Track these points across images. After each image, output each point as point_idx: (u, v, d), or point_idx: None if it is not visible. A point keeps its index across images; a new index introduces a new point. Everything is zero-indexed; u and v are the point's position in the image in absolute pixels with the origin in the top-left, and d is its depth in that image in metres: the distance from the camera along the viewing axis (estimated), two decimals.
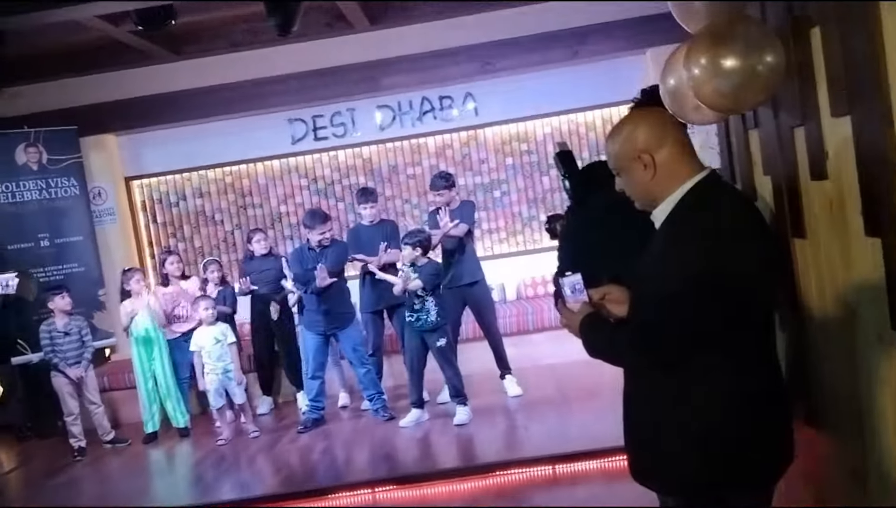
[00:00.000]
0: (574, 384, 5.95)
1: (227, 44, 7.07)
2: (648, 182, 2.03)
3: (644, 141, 2.02)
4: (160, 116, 7.37)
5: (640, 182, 2.05)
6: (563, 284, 2.16)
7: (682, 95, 2.54)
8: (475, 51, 7.13)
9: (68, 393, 6.07)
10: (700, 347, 1.92)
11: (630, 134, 2.05)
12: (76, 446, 6.09)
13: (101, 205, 7.49)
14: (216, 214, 7.81)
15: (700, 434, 1.96)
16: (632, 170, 2.05)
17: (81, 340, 6.15)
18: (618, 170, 2.10)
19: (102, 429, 6.24)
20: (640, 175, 2.03)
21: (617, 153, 2.08)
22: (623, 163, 2.07)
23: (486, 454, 4.97)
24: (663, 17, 6.57)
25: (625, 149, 2.05)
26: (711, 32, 2.38)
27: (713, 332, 1.89)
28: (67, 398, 6.08)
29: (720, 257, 1.85)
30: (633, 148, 2.03)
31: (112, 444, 6.23)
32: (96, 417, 6.21)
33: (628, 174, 2.07)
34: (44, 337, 5.98)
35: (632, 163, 2.04)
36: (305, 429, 5.87)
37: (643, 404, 2.10)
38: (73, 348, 6.08)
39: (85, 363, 6.14)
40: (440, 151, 7.66)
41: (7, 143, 6.96)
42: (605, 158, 2.18)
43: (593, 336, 2.10)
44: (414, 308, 5.50)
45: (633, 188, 2.09)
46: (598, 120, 7.55)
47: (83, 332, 6.18)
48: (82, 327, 6.20)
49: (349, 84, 7.26)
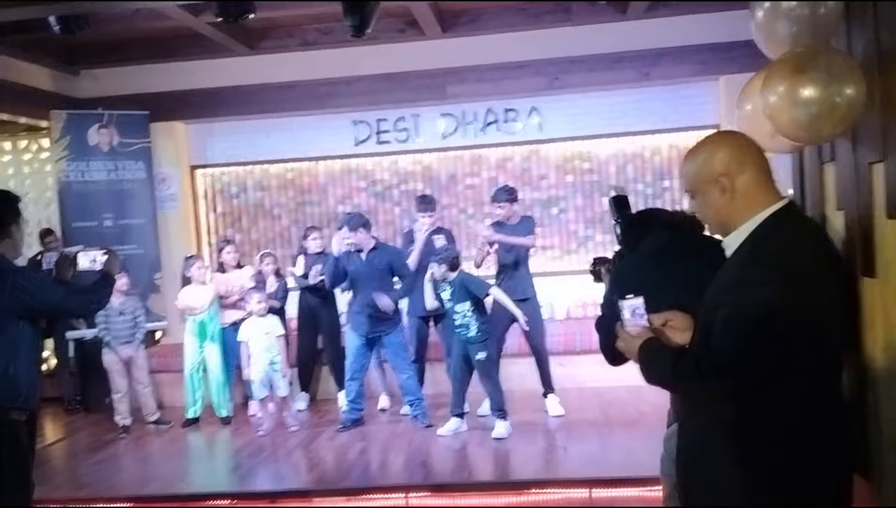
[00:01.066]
0: (617, 410, 5.86)
1: (299, 42, 7.19)
2: (725, 207, 1.98)
3: (725, 164, 1.97)
4: (230, 108, 7.53)
5: (717, 206, 1.99)
6: (623, 307, 2.11)
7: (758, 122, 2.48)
8: (544, 66, 7.11)
9: (117, 371, 6.21)
10: (767, 379, 1.86)
11: (711, 156, 2.00)
12: (121, 423, 6.22)
13: (165, 191, 7.67)
14: (275, 208, 7.92)
15: (757, 469, 1.90)
16: (708, 193, 2.00)
17: (135, 320, 6.28)
18: (693, 192, 2.05)
19: (148, 409, 6.37)
20: (717, 199, 1.98)
21: (695, 174, 2.02)
22: (700, 185, 2.01)
23: (522, 470, 4.92)
24: (739, 45, 6.55)
25: (704, 171, 2.00)
26: (792, 60, 2.32)
27: (781, 364, 1.84)
28: (116, 376, 6.21)
29: (794, 289, 1.81)
30: (712, 170, 1.98)
31: (155, 425, 6.34)
32: (143, 397, 6.34)
33: (704, 197, 2.02)
34: (98, 314, 6.12)
35: (710, 186, 1.98)
36: (344, 428, 5.89)
37: (699, 434, 2.04)
38: (126, 327, 6.22)
39: (136, 343, 6.28)
40: (500, 163, 7.64)
41: (81, 123, 7.17)
42: (683, 179, 2.11)
43: (653, 362, 2.04)
44: (455, 322, 5.50)
45: (708, 212, 2.04)
46: (663, 144, 7.45)
47: (137, 313, 6.32)
48: (136, 307, 6.34)
49: (415, 90, 7.30)
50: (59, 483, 5.13)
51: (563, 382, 6.24)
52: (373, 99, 7.37)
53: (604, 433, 5.33)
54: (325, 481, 4.95)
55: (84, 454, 5.88)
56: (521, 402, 6.08)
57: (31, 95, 6.95)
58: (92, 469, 5.49)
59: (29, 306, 3.13)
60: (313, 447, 5.63)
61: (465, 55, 7.13)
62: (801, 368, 1.86)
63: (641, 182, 7.49)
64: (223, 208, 8.00)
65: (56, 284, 3.35)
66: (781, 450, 1.89)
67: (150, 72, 7.40)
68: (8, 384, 3.05)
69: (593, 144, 7.53)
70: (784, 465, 1.89)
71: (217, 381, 6.37)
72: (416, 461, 5.16)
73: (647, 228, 2.85)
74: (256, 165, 7.90)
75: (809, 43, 2.33)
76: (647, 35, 6.92)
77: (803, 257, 1.87)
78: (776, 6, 2.41)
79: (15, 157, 8.17)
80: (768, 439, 1.90)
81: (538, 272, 7.30)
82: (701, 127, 6.64)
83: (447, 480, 4.77)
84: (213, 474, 5.47)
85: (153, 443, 6.07)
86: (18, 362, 3.09)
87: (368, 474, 5.05)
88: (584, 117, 7.40)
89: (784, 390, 1.87)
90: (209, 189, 8.00)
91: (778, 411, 1.89)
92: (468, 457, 5.22)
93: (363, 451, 5.44)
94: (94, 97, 7.43)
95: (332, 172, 7.85)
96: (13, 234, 3.22)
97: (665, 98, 7.25)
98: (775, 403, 1.88)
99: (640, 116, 7.33)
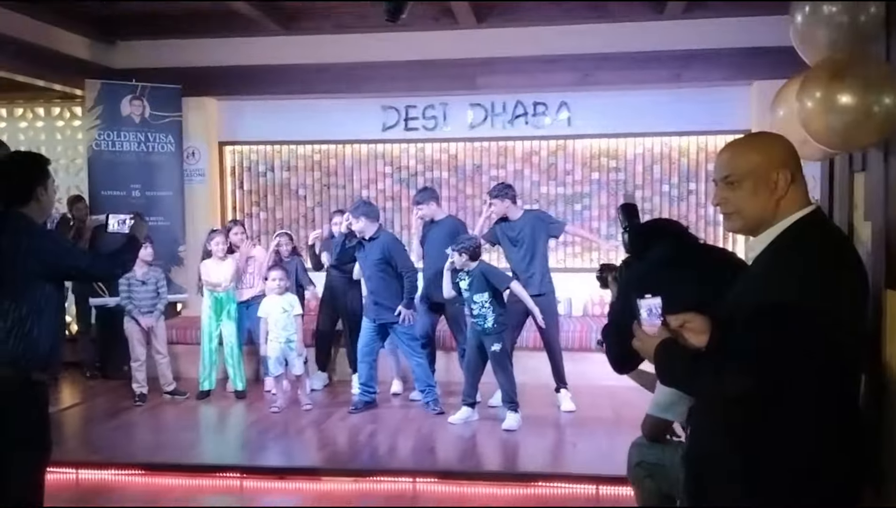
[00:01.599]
0: (629, 410, 5.81)
1: (333, 25, 7.21)
2: (766, 202, 1.95)
3: (787, 158, 1.95)
4: (261, 87, 7.57)
5: (760, 201, 1.96)
6: (641, 306, 2.10)
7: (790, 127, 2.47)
8: (576, 61, 7.08)
9: (137, 340, 6.30)
10: (785, 382, 1.85)
11: (774, 147, 1.97)
12: (138, 391, 6.31)
13: (193, 165, 7.74)
14: (300, 189, 7.97)
15: (766, 473, 1.90)
16: (758, 185, 1.95)
17: (157, 290, 6.37)
18: (740, 179, 1.97)
19: (165, 379, 6.45)
20: (765, 192, 1.95)
21: (751, 161, 1.96)
22: (755, 174, 1.95)
23: (530, 463, 4.95)
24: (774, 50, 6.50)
25: (764, 160, 1.95)
26: (830, 66, 2.31)
27: (800, 368, 1.83)
28: (136, 345, 6.30)
29: (818, 294, 1.80)
30: (772, 162, 1.94)
31: (171, 395, 6.43)
32: (161, 367, 6.42)
33: (749, 190, 1.96)
34: (121, 283, 6.20)
35: (760, 179, 1.94)
36: (356, 410, 5.94)
37: (710, 435, 2.04)
38: (147, 297, 6.30)
39: (157, 314, 6.36)
40: (527, 156, 7.63)
41: (115, 93, 7.25)
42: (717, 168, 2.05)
43: (671, 362, 2.03)
44: (472, 313, 5.52)
45: (747, 205, 1.98)
46: (692, 146, 7.40)
47: (159, 283, 6.40)
48: (159, 278, 6.42)
49: (446, 79, 7.30)
50: (72, 447, 5.22)
51: (577, 379, 6.24)
52: (403, 85, 7.37)
53: (613, 432, 5.33)
54: (335, 461, 5.01)
55: (100, 419, 5.98)
56: (533, 395, 6.09)
57: (67, 63, 7.03)
58: (104, 433, 5.58)
59: (55, 269, 3.15)
60: (324, 426, 5.68)
61: (498, 46, 7.11)
62: (819, 374, 1.85)
63: (667, 183, 7.45)
64: (249, 185, 8.05)
65: (81, 248, 3.38)
66: (792, 456, 1.89)
67: (184, 46, 7.46)
68: (31, 345, 3.09)
69: (621, 142, 7.50)
70: (794, 471, 1.89)
71: (233, 355, 6.44)
72: (426, 447, 5.20)
73: (655, 236, 2.83)
74: (284, 144, 7.95)
75: (848, 49, 2.32)
76: (681, 36, 6.87)
77: (829, 263, 1.86)
78: (816, 11, 2.40)
79: (48, 123, 8.28)
80: (780, 443, 1.89)
81: (557, 268, 7.34)
82: (731, 131, 6.58)
83: (455, 468, 4.80)
84: (225, 446, 5.55)
85: (168, 413, 6.15)
86: (42, 324, 3.12)
87: (377, 456, 5.09)
88: (614, 115, 7.37)
89: (800, 395, 1.86)
90: (237, 166, 8.06)
91: (792, 416, 1.88)
92: (477, 446, 5.24)
93: (373, 434, 5.48)
94: (129, 68, 7.50)
95: (358, 156, 7.87)
96: (40, 197, 3.19)
97: (696, 100, 7.20)
98: (790, 408, 1.87)
99: (670, 117, 7.28)
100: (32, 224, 3.18)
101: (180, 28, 7.30)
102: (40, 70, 6.77)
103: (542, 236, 6.00)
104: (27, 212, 3.16)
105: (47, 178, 3.24)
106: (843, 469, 1.92)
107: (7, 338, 3.05)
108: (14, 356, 3.06)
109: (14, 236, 3.07)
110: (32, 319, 3.09)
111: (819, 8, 2.38)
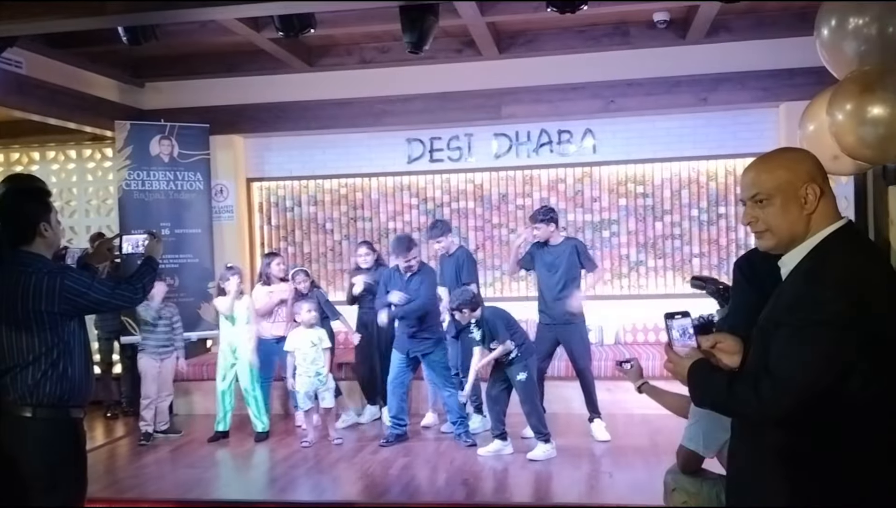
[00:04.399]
0: (665, 438, 5.70)
1: (357, 60, 7.29)
2: (798, 219, 1.91)
3: (814, 174, 1.91)
4: (287, 123, 7.66)
5: (791, 217, 1.92)
6: (672, 326, 2.05)
7: (821, 142, 2.42)
8: (600, 88, 7.08)
9: (152, 377, 6.28)
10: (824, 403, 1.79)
11: (799, 162, 1.94)
12: (143, 430, 6.27)
13: (221, 202, 7.82)
14: (327, 222, 8.00)
15: (806, 499, 1.82)
16: (788, 201, 1.91)
17: (172, 327, 6.38)
18: (769, 197, 1.93)
19: (161, 417, 6.42)
20: (795, 208, 1.91)
21: (779, 178, 1.92)
22: (784, 191, 1.91)
23: (565, 494, 4.83)
24: (801, 72, 6.44)
25: (791, 175, 1.91)
26: (861, 79, 2.27)
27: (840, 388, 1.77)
28: (150, 382, 6.28)
29: (857, 309, 1.75)
30: (799, 177, 1.90)
31: (164, 434, 6.38)
32: (161, 405, 6.40)
33: (780, 207, 1.92)
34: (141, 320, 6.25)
35: (791, 195, 1.91)
36: (387, 443, 5.88)
37: (749, 461, 1.97)
38: (162, 334, 6.31)
39: (171, 349, 6.36)
40: (553, 184, 7.61)
41: (144, 133, 7.37)
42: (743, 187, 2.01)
43: (705, 384, 1.97)
44: (490, 347, 5.49)
45: (781, 221, 1.93)
46: (720, 170, 7.33)
47: (174, 319, 6.41)
48: (174, 314, 6.43)
49: (470, 110, 7.34)
50: (100, 486, 5.18)
51: (611, 408, 6.14)
52: (427, 118, 7.42)
53: (651, 462, 5.21)
54: (366, 494, 4.94)
55: (125, 458, 5.98)
56: (565, 426, 6.00)
57: (98, 106, 7.18)
58: (134, 472, 5.56)
59: (80, 306, 3.10)
60: (356, 460, 5.62)
61: (522, 76, 7.14)
62: (860, 393, 1.78)
63: (696, 208, 7.37)
64: (277, 220, 8.11)
65: (101, 280, 3.31)
66: (833, 480, 1.81)
67: (211, 86, 7.60)
68: (67, 383, 3.08)
69: (648, 168, 7.45)
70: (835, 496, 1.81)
71: (248, 396, 6.29)
72: (458, 479, 5.12)
73: None
74: (311, 179, 8.00)
75: (877, 61, 2.27)
76: (706, 60, 6.85)
77: (865, 277, 1.80)
78: (843, 24, 2.36)
79: (79, 165, 8.43)
80: (819, 468, 1.82)
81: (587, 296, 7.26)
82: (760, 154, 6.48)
83: (489, 500, 4.71)
84: (255, 482, 5.49)
85: (195, 451, 6.11)
86: (73, 362, 3.12)
87: (409, 490, 5.01)
88: (639, 141, 7.34)
89: (840, 416, 1.80)
90: (264, 202, 8.13)
91: (832, 438, 1.81)
92: (509, 478, 5.15)
93: (405, 467, 5.42)
94: (157, 109, 7.65)
95: (384, 188, 7.90)
96: (44, 232, 3.09)
97: (723, 124, 7.15)
98: (829, 429, 1.81)
99: (697, 141, 7.23)
100: (47, 263, 3.13)
101: (206, 68, 7.44)
102: (71, 113, 6.92)
103: (576, 264, 5.95)
104: (34, 250, 3.09)
105: (50, 211, 3.14)
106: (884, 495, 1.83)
107: (44, 381, 3.04)
108: (53, 398, 3.05)
109: (32, 276, 3.02)
110: (64, 359, 3.08)
111: (846, 20, 2.34)
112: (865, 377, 1.78)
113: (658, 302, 7.13)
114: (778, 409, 1.81)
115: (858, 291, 1.77)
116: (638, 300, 7.39)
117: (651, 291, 7.42)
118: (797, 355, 1.78)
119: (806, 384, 1.78)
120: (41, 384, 3.04)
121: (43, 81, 6.44)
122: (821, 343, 1.75)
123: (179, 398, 7.06)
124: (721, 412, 2.08)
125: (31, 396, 3.03)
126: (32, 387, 3.03)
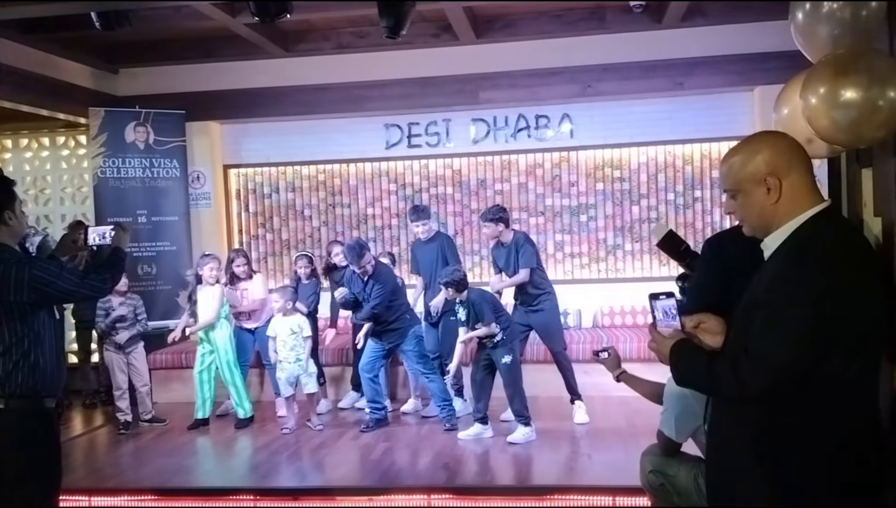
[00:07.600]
0: (643, 419, 5.76)
1: (334, 45, 7.25)
2: (769, 207, 1.95)
3: (773, 164, 1.94)
4: (264, 109, 7.61)
5: (761, 207, 1.96)
6: (656, 307, 2.09)
7: (795, 125, 2.45)
8: (577, 73, 7.10)
9: (118, 368, 6.25)
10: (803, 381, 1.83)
11: (757, 155, 1.96)
12: (122, 419, 6.24)
13: (198, 189, 7.76)
14: (305, 209, 7.98)
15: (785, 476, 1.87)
16: (753, 193, 1.96)
17: (136, 318, 6.34)
18: (736, 191, 2.01)
19: (143, 407, 6.39)
20: (762, 199, 1.95)
21: (739, 173, 1.98)
22: (745, 185, 1.98)
23: (545, 476, 4.89)
24: (775, 56, 6.49)
25: (750, 170, 1.96)
26: (834, 62, 2.30)
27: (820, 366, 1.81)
28: (117, 373, 6.25)
29: (837, 290, 1.79)
30: (759, 170, 1.95)
31: (149, 423, 6.36)
32: (139, 395, 6.37)
33: (748, 197, 1.98)
34: (99, 313, 6.21)
35: (755, 186, 1.96)
36: (368, 429, 5.91)
37: (727, 439, 2.02)
38: (125, 326, 6.25)
39: (137, 341, 6.33)
40: (531, 169, 7.63)
41: (119, 120, 7.29)
42: (720, 179, 2.08)
43: (686, 364, 2.01)
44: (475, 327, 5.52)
45: (750, 212, 2.00)
46: (696, 153, 7.39)
47: (137, 310, 6.36)
48: (137, 305, 6.38)
49: (448, 95, 7.33)
50: (80, 475, 5.17)
51: (589, 390, 6.20)
52: (405, 103, 7.40)
53: (629, 443, 5.27)
54: (348, 479, 4.96)
55: (105, 446, 5.96)
56: (545, 408, 6.06)
57: (71, 93, 7.08)
58: (114, 461, 5.54)
59: (48, 296, 3.09)
60: (337, 446, 5.64)
61: (499, 61, 7.14)
62: (839, 372, 1.83)
63: (672, 191, 7.43)
64: (255, 207, 8.07)
65: (69, 269, 3.28)
66: (811, 458, 1.86)
67: (186, 72, 7.51)
68: (39, 374, 3.08)
69: (625, 152, 7.49)
70: (813, 473, 1.86)
71: (227, 382, 6.28)
72: (439, 463, 5.15)
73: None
74: (288, 165, 7.97)
75: (851, 45, 2.31)
76: (681, 44, 6.89)
77: (846, 259, 1.84)
78: (817, 8, 2.38)
79: (53, 152, 8.32)
80: (798, 445, 1.87)
81: (565, 280, 7.33)
82: (735, 137, 6.55)
83: (470, 483, 4.75)
84: (237, 469, 5.49)
85: (175, 439, 6.09)
86: (44, 352, 3.11)
87: (390, 474, 5.04)
88: (616, 125, 7.37)
89: (819, 395, 1.84)
90: (242, 188, 8.08)
91: (810, 416, 1.86)
92: (491, 461, 5.19)
93: (386, 451, 5.45)
94: (132, 95, 7.56)
95: (362, 174, 7.88)
96: (9, 221, 3.09)
97: (699, 108, 7.21)
98: (808, 408, 1.85)
99: (673, 126, 7.29)
100: (14, 253, 3.11)
101: (181, 54, 7.35)
102: (44, 100, 6.82)
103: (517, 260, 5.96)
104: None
105: (14, 200, 3.13)
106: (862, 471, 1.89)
107: (15, 371, 3.04)
108: (25, 388, 3.05)
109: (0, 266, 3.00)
110: (35, 349, 3.07)
111: (820, 4, 2.37)
112: (844, 357, 1.81)
113: (635, 285, 7.20)
114: (756, 388, 1.85)
115: (837, 272, 1.80)
116: (615, 284, 7.45)
117: (628, 274, 7.49)
118: (775, 335, 1.81)
119: (784, 364, 1.81)
120: (13, 374, 3.03)
121: (15, 67, 6.34)
122: (798, 324, 1.79)
123: (159, 386, 7.02)
124: (702, 391, 2.12)
125: (2, 387, 3.03)
126: (4, 378, 3.03)
